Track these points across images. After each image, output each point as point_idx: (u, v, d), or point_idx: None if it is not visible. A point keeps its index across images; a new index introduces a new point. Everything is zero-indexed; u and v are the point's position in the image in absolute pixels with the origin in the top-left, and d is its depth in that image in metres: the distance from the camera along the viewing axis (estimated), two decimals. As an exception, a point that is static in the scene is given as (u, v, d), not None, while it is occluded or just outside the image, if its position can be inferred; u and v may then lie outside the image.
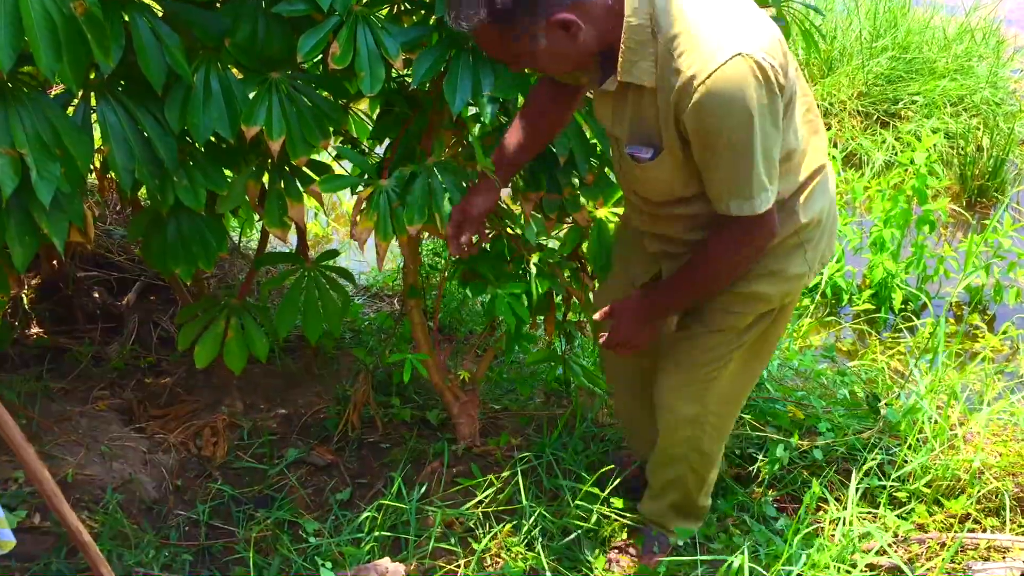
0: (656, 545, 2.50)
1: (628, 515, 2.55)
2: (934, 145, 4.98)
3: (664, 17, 1.68)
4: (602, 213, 2.48)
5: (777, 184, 1.77)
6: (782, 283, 2.01)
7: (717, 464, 2.41)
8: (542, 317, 2.67)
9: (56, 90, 2.12)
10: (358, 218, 2.26)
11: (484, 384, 3.05)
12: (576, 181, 2.44)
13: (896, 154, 5.32)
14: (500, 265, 2.48)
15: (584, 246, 2.56)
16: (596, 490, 2.52)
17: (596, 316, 2.18)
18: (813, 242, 2.00)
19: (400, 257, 4.00)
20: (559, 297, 2.65)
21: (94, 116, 2.06)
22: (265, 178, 2.34)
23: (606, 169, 2.47)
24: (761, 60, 1.64)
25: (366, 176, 2.28)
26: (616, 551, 2.51)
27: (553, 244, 2.69)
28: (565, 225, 2.58)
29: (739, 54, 1.62)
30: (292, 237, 2.68)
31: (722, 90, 1.64)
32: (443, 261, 2.64)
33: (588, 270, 2.62)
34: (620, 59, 1.73)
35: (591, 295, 2.59)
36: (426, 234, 2.70)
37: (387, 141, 2.48)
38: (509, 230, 2.57)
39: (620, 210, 2.45)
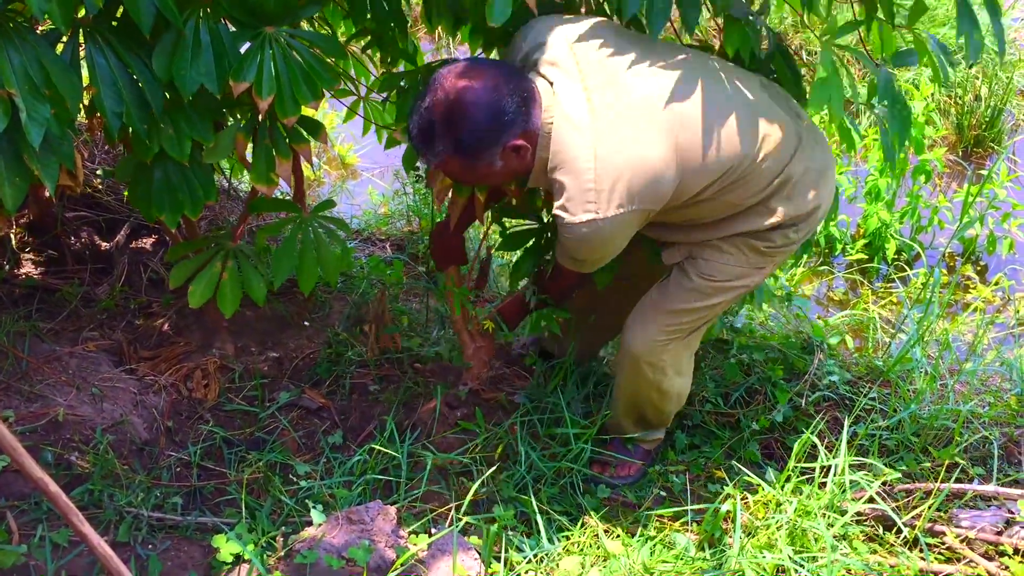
0: (631, 454, 2.66)
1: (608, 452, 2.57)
2: (932, 94, 4.95)
3: (556, 157, 2.04)
4: None
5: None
6: (779, 238, 2.30)
7: (687, 374, 2.56)
8: None
9: (43, 27, 2.07)
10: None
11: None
12: None
13: (893, 102, 5.28)
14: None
15: None
16: (589, 431, 2.54)
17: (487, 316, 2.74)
18: (797, 227, 2.29)
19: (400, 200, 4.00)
20: None
21: (82, 53, 2.01)
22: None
23: None
24: (615, 216, 2.02)
25: None
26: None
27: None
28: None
29: (594, 219, 2.02)
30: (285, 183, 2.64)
31: (572, 236, 2.07)
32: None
33: None
34: (531, 176, 2.13)
35: None
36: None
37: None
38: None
39: None
